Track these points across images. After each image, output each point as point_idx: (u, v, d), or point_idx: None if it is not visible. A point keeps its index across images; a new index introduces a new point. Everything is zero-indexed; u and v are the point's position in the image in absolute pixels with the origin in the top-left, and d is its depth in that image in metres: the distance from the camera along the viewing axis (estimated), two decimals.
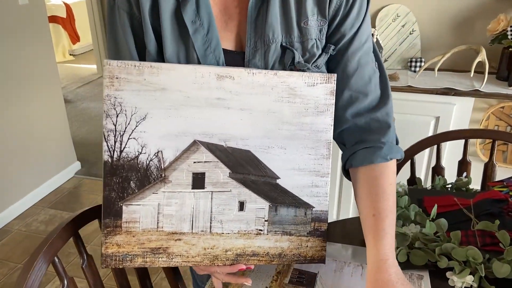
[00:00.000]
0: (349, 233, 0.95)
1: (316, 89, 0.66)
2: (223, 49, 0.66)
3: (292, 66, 0.66)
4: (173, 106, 0.63)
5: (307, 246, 0.69)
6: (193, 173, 0.65)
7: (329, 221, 1.01)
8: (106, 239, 0.63)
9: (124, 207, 0.63)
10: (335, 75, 0.66)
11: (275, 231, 0.68)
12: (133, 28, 0.66)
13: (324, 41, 0.68)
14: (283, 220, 0.68)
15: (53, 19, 4.89)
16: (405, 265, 0.80)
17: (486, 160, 1.16)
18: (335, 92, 0.67)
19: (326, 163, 0.68)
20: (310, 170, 0.68)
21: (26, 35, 2.31)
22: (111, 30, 0.67)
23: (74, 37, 5.25)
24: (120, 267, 0.64)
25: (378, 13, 1.79)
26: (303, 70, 0.66)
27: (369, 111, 0.70)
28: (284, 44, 0.65)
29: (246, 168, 0.66)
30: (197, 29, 0.64)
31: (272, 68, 0.67)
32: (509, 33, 1.56)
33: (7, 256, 2.05)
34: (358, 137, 0.71)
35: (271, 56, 0.66)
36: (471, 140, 1.83)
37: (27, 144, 2.39)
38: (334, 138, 0.77)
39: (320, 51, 0.68)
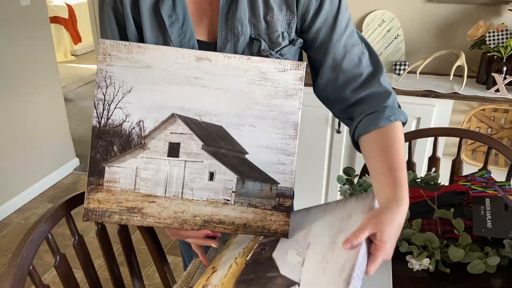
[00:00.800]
0: None
1: (286, 75, 0.73)
2: (198, 40, 0.75)
3: (259, 54, 0.74)
4: (156, 82, 0.71)
5: (271, 219, 0.74)
6: (170, 143, 0.72)
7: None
8: (89, 195, 0.72)
9: (106, 168, 0.72)
10: (305, 63, 0.73)
11: (241, 202, 0.73)
12: (117, 21, 0.76)
13: (293, 34, 0.76)
14: (249, 193, 0.74)
15: (55, 19, 5.02)
16: None
17: (469, 160, 1.21)
18: (304, 78, 0.73)
19: (293, 143, 0.74)
20: (277, 148, 0.74)
21: (28, 35, 2.41)
22: (102, 25, 0.78)
23: (76, 38, 5.38)
24: (99, 221, 0.72)
25: (364, 19, 1.90)
26: (267, 56, 0.73)
27: (366, 85, 0.76)
28: (252, 36, 0.74)
29: (218, 142, 0.73)
30: (173, 22, 0.73)
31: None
32: (487, 39, 1.64)
33: (6, 248, 2.14)
34: (361, 108, 0.76)
35: (240, 46, 0.74)
36: (454, 141, 1.89)
37: (27, 140, 2.51)
38: (339, 117, 0.82)
39: (286, 42, 0.75)
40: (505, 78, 1.60)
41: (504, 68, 1.62)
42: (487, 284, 0.80)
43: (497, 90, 1.61)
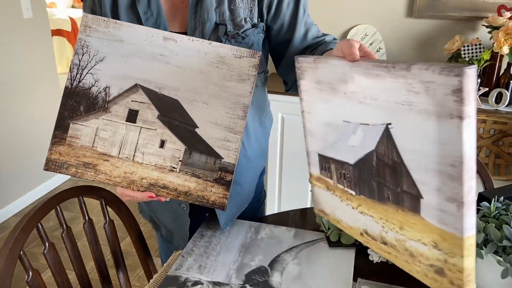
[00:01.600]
0: (304, 219, 1.06)
1: (241, 61, 0.80)
2: (172, 31, 0.85)
3: (226, 36, 0.84)
4: (125, 55, 0.80)
5: (211, 191, 0.79)
6: (129, 109, 0.80)
7: (269, 214, 1.11)
8: (52, 146, 0.80)
9: (71, 125, 0.80)
10: (260, 52, 0.80)
11: (186, 171, 0.79)
12: None
13: (255, 19, 0.86)
14: (194, 164, 0.79)
15: (59, 32, 5.10)
16: (336, 244, 0.92)
17: None
18: (258, 66, 0.80)
19: (240, 123, 0.79)
20: (225, 126, 0.79)
21: (30, 47, 2.50)
22: None
23: None
24: (57, 172, 0.80)
25: (348, 32, 2.04)
26: (234, 37, 0.83)
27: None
28: (218, 22, 0.84)
29: (172, 114, 0.80)
30: (148, 18, 0.85)
31: (208, 39, 0.83)
32: (462, 52, 1.74)
33: None
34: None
35: (206, 31, 0.84)
36: None
37: (27, 147, 2.59)
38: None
39: (249, 26, 0.85)
40: (479, 90, 1.68)
41: (478, 80, 1.71)
42: None
43: None
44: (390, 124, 0.58)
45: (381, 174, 0.62)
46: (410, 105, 0.54)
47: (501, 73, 1.78)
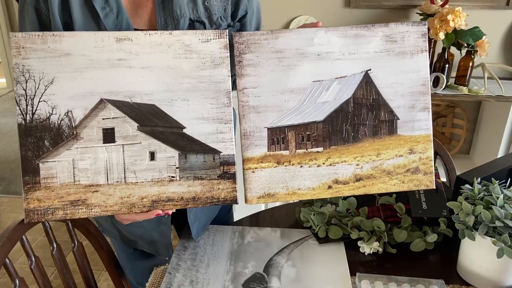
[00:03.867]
0: (277, 218, 1.05)
1: (210, 45, 0.73)
2: (137, 29, 0.75)
3: None
4: (78, 69, 0.69)
5: (218, 188, 0.75)
6: (103, 129, 0.71)
7: (259, 211, 1.09)
8: (27, 195, 0.69)
9: (41, 164, 0.69)
10: (227, 30, 0.74)
11: (187, 176, 0.74)
12: (41, 22, 0.74)
13: (229, 18, 0.81)
14: (193, 166, 0.74)
15: None
16: (325, 240, 0.92)
17: None
18: (228, 45, 0.74)
19: (228, 110, 0.75)
20: (214, 118, 0.74)
21: None
22: (22, 25, 0.75)
23: None
24: (43, 220, 0.70)
25: (290, 24, 2.12)
26: None
27: None
28: (192, 18, 0.76)
29: (153, 121, 0.72)
30: (107, 14, 0.73)
31: None
32: None
33: None
34: None
35: (180, 29, 0.76)
36: None
37: None
38: None
39: (225, 25, 0.80)
40: None
41: None
42: (427, 259, 0.88)
43: None
44: (369, 70, 0.75)
45: (358, 116, 0.75)
46: (388, 51, 0.75)
47: (435, 58, 1.86)
